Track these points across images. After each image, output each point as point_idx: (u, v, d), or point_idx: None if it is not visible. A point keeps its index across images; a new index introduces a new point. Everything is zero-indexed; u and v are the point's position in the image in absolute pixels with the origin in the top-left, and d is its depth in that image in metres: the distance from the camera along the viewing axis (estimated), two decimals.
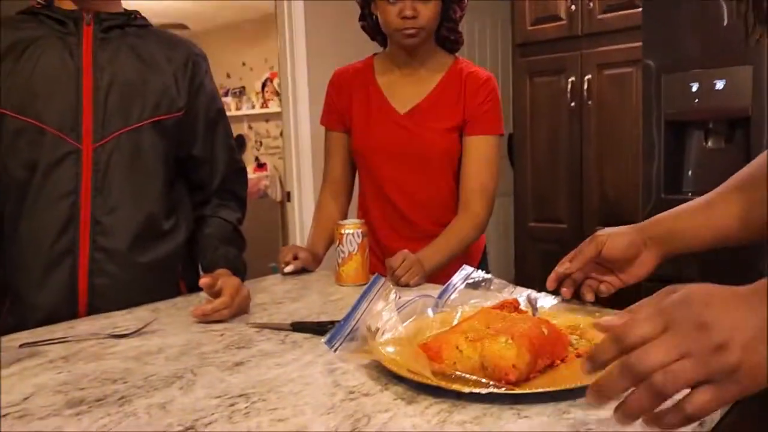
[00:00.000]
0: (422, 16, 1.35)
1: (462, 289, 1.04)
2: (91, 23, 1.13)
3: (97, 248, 1.10)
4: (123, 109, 1.12)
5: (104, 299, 1.11)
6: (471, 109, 1.41)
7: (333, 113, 1.52)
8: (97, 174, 1.10)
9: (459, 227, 1.39)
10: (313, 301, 1.16)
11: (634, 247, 0.90)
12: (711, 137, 2.02)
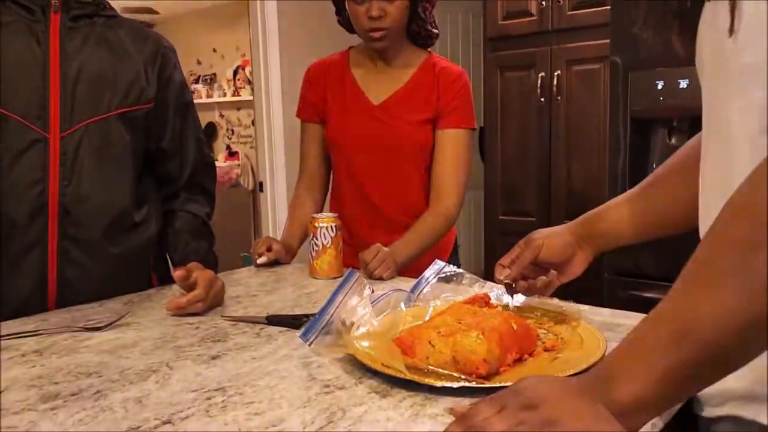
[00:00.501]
0: (389, 15, 1.36)
1: (434, 284, 1.07)
2: (59, 11, 1.11)
3: (68, 238, 1.08)
4: (91, 99, 1.11)
5: (75, 290, 1.10)
6: (444, 103, 1.43)
7: (308, 105, 1.53)
8: (66, 163, 1.08)
9: (430, 220, 1.41)
10: (287, 294, 1.17)
11: (569, 247, 0.93)
12: (675, 134, 2.08)
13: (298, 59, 3.56)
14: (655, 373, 0.51)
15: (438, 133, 1.44)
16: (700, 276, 0.52)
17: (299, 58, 3.57)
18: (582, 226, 0.95)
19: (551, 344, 0.80)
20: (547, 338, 0.83)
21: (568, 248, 0.93)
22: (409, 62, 1.47)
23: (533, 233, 0.96)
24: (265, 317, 0.99)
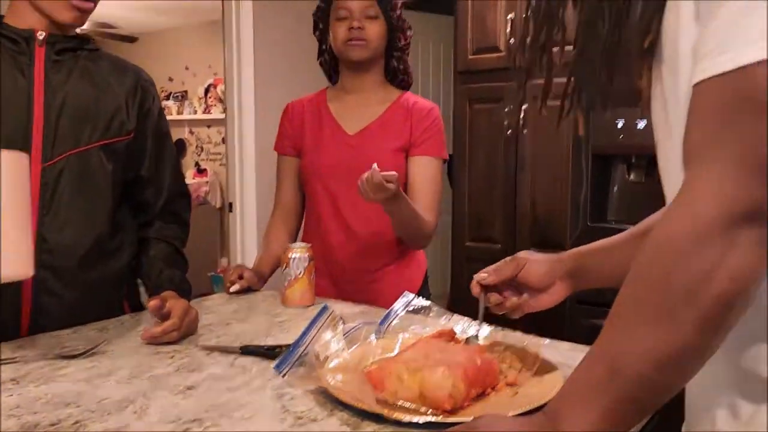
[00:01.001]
0: (369, 30, 1.47)
1: (403, 315, 1.11)
2: (44, 44, 1.14)
3: (44, 266, 1.10)
4: (73, 131, 1.14)
5: (49, 318, 1.12)
6: (417, 133, 1.51)
7: (286, 139, 1.59)
8: (46, 193, 1.11)
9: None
10: (259, 322, 1.20)
11: (549, 277, 0.96)
12: (633, 170, 2.18)
13: (271, 79, 3.61)
14: (596, 410, 0.56)
15: (410, 160, 1.51)
16: (625, 315, 0.58)
17: (273, 78, 3.62)
18: (570, 259, 0.97)
19: (513, 379, 0.85)
20: (509, 373, 0.88)
21: (548, 277, 0.96)
22: (384, 99, 1.56)
23: (521, 252, 0.99)
24: (239, 347, 1.02)
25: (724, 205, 0.52)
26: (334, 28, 1.50)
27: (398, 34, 1.54)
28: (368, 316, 1.23)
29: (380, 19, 1.50)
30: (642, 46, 0.64)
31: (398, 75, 1.59)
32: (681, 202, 0.56)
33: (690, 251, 0.54)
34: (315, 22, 1.60)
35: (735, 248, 0.52)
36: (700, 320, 0.53)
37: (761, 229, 0.52)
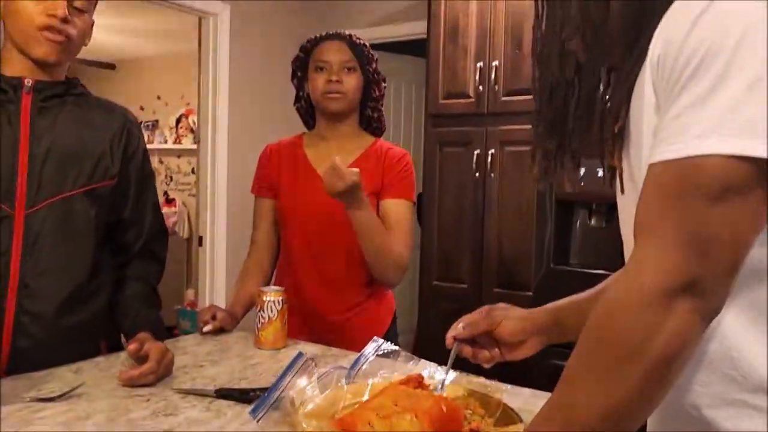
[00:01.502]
0: (346, 83, 1.55)
1: (372, 360, 1.16)
2: (30, 92, 1.17)
3: (23, 312, 1.12)
4: (57, 178, 1.16)
5: (25, 361, 1.13)
6: (388, 177, 1.58)
7: (263, 181, 1.64)
8: (28, 239, 1.13)
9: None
10: (233, 365, 1.23)
11: (524, 333, 1.01)
12: (594, 216, 2.28)
13: (245, 113, 3.67)
14: None
15: (382, 203, 1.57)
16: (577, 371, 0.64)
17: (247, 111, 3.67)
18: (544, 315, 1.01)
19: (476, 425, 0.90)
20: (473, 419, 0.93)
21: (522, 333, 1.00)
22: (359, 144, 1.62)
23: (498, 306, 1.03)
24: (214, 390, 1.05)
25: (665, 277, 0.60)
26: (312, 78, 1.58)
27: (374, 86, 1.62)
28: (339, 359, 1.28)
29: (357, 72, 1.57)
30: (613, 131, 0.72)
31: (372, 123, 1.67)
32: (629, 270, 0.64)
33: (635, 315, 0.61)
34: (293, 70, 1.66)
35: (674, 315, 0.60)
36: (643, 377, 0.60)
37: (697, 299, 0.60)
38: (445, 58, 2.82)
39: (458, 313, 2.62)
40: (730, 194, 0.58)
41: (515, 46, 2.64)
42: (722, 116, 0.57)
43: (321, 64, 1.56)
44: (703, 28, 0.59)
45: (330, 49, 1.57)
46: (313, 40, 1.62)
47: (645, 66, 0.66)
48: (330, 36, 1.61)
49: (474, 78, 2.73)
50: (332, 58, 1.55)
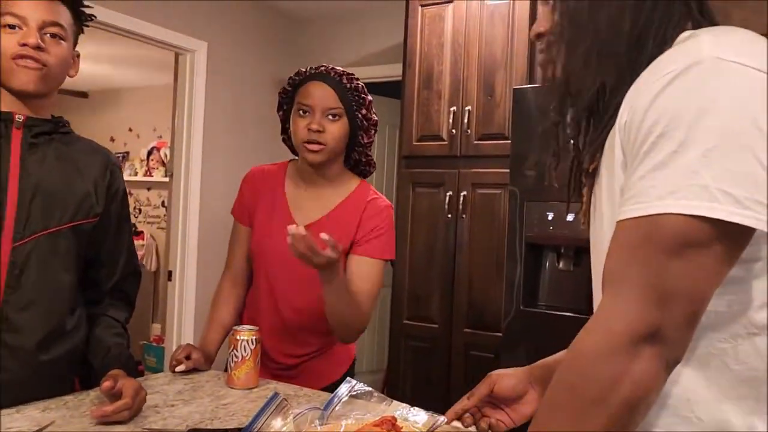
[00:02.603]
0: (328, 132, 1.44)
1: (346, 401, 1.17)
2: (21, 127, 1.19)
3: (3, 345, 1.12)
4: (45, 213, 1.17)
5: (2, 394, 1.11)
6: (362, 234, 1.48)
7: (242, 207, 1.59)
8: (13, 272, 1.13)
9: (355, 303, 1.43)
10: (205, 404, 1.22)
11: (521, 385, 1.03)
12: (563, 259, 2.34)
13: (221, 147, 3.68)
14: None
15: (351, 257, 1.48)
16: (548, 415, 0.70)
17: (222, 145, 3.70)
18: (539, 368, 1.04)
19: None
20: None
21: (520, 385, 1.03)
22: (342, 189, 1.54)
23: (493, 372, 1.06)
24: (186, 430, 1.04)
25: (630, 326, 0.64)
26: (294, 120, 1.48)
27: (361, 132, 1.51)
28: (312, 399, 1.28)
29: (343, 119, 1.46)
30: (588, 168, 0.81)
31: (359, 165, 1.59)
32: (597, 319, 0.68)
33: (602, 361, 0.65)
34: (279, 102, 1.57)
35: (638, 361, 0.64)
36: (608, 420, 0.65)
37: (659, 346, 0.64)
38: (420, 102, 2.90)
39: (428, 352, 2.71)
40: (688, 250, 0.63)
41: (487, 93, 2.73)
42: (681, 180, 0.63)
43: (304, 107, 1.45)
44: (666, 101, 0.65)
45: (315, 92, 1.45)
46: (302, 75, 1.51)
47: (615, 129, 0.73)
48: (318, 75, 1.48)
49: (447, 121, 2.80)
50: (316, 103, 1.44)
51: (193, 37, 3.49)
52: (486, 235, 2.71)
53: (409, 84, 2.94)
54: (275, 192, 1.57)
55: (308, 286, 1.48)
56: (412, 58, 2.94)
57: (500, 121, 2.69)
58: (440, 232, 2.82)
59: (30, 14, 1.17)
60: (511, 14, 2.70)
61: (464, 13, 2.81)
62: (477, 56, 2.76)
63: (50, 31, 1.20)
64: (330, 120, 1.45)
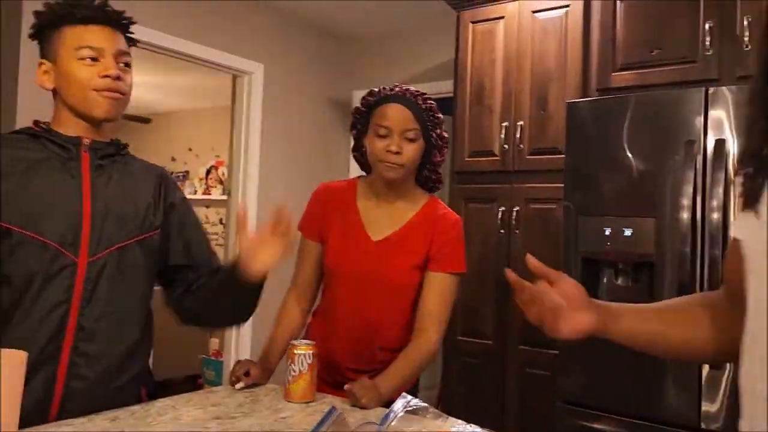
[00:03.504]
0: (405, 153, 1.49)
1: (402, 416, 1.18)
2: (88, 150, 1.27)
3: (78, 353, 1.19)
4: (116, 228, 1.25)
5: (74, 402, 1.18)
6: (437, 248, 1.53)
7: (312, 224, 1.62)
8: (88, 285, 1.20)
9: (416, 354, 1.50)
10: (264, 417, 1.25)
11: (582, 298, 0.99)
12: (620, 276, 2.28)
13: (275, 165, 3.77)
14: None
15: (428, 273, 1.54)
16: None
17: (277, 164, 3.78)
18: (606, 303, 1.04)
19: None
20: None
21: (581, 298, 0.99)
22: (412, 204, 1.59)
23: None
24: None
25: None
26: (371, 141, 1.52)
27: (435, 150, 1.56)
28: (367, 414, 1.30)
29: (419, 140, 1.51)
30: None
31: (428, 183, 1.63)
32: None
33: None
34: (353, 122, 1.62)
35: None
36: None
37: None
38: (471, 118, 2.90)
39: (482, 368, 2.68)
40: None
41: (540, 107, 2.71)
42: None
43: (382, 130, 1.49)
44: None
45: (393, 114, 1.49)
46: (377, 95, 1.55)
47: None
48: (395, 97, 1.52)
49: (499, 136, 2.79)
50: (394, 125, 1.48)
51: (250, 60, 3.60)
52: (540, 251, 2.65)
53: (461, 100, 2.95)
54: (348, 209, 1.60)
55: (383, 302, 1.55)
56: (463, 74, 2.95)
57: (553, 135, 2.66)
58: (493, 247, 2.80)
59: (106, 45, 1.25)
60: (564, 27, 2.69)
61: (516, 28, 2.81)
62: (529, 70, 2.75)
63: (123, 60, 1.28)
64: (407, 141, 1.50)
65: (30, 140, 1.26)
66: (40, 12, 1.26)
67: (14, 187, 1.18)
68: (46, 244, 1.17)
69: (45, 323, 1.16)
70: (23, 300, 1.16)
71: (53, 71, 1.26)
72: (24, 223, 1.17)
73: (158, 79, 5.10)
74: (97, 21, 1.25)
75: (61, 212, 1.20)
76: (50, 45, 1.26)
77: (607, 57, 2.54)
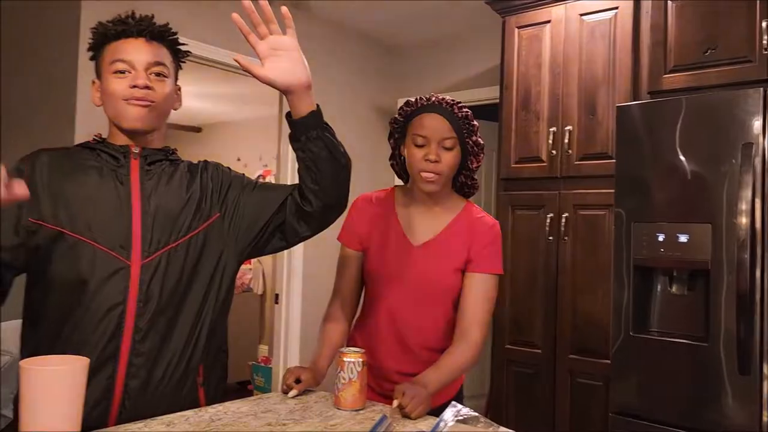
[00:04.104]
0: (444, 162, 1.52)
1: (452, 425, 1.17)
2: (137, 158, 1.32)
3: (136, 353, 1.23)
4: (166, 230, 1.29)
5: (133, 401, 1.23)
6: (476, 251, 1.57)
7: (352, 233, 1.65)
8: (142, 287, 1.24)
9: (460, 354, 1.51)
10: (314, 425, 1.26)
11: None
12: (675, 283, 2.21)
13: None
14: None
15: (467, 275, 1.57)
16: None
17: None
18: None
19: None
20: None
21: None
22: (450, 209, 1.62)
23: None
24: None
25: None
26: (410, 150, 1.55)
27: (471, 157, 1.60)
28: (417, 422, 1.29)
29: (456, 148, 1.54)
30: None
31: (464, 188, 1.66)
32: None
33: None
34: (391, 131, 1.66)
35: None
36: None
37: None
38: (518, 124, 2.88)
39: (532, 377, 2.66)
40: None
41: (589, 112, 2.67)
42: None
43: (420, 140, 1.53)
44: None
45: (430, 124, 1.53)
46: (414, 105, 1.58)
47: None
48: (431, 107, 1.55)
49: (547, 142, 2.76)
50: (432, 135, 1.52)
51: None
52: (590, 258, 2.63)
53: (507, 106, 2.92)
54: (388, 217, 1.64)
55: (426, 304, 1.58)
56: (509, 80, 2.93)
57: (603, 140, 2.61)
58: (541, 254, 2.76)
59: (136, 58, 1.29)
60: (613, 29, 2.64)
61: (563, 32, 2.77)
62: (577, 75, 2.71)
63: (155, 71, 1.31)
64: (445, 149, 1.53)
65: (87, 152, 1.33)
66: (92, 31, 1.33)
67: (72, 195, 1.24)
68: (99, 248, 1.23)
69: (103, 325, 1.21)
70: (80, 302, 1.21)
71: (101, 88, 1.32)
72: (79, 229, 1.22)
73: (207, 89, 5.22)
74: (129, 35, 1.30)
75: (112, 217, 1.25)
76: (97, 63, 1.34)
77: (659, 58, 2.48)
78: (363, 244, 1.64)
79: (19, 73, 3.08)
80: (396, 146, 1.66)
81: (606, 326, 2.49)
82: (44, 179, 1.25)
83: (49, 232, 1.22)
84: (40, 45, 2.99)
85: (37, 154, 1.29)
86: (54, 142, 1.60)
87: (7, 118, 3.12)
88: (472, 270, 1.57)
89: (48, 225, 1.22)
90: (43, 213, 1.22)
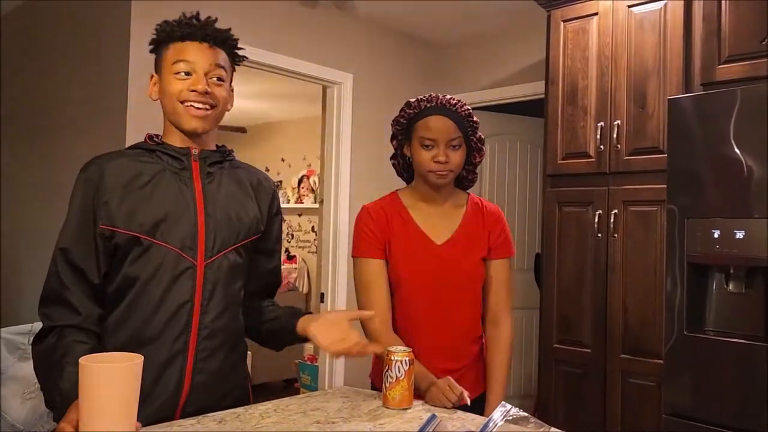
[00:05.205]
0: (452, 161, 1.58)
1: (501, 425, 1.16)
2: (198, 159, 1.36)
3: (202, 349, 1.29)
4: (227, 232, 1.34)
5: (198, 395, 1.29)
6: (493, 240, 1.68)
7: (375, 243, 1.62)
8: (206, 285, 1.30)
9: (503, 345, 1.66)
10: (363, 424, 1.27)
11: None
12: (732, 281, 2.13)
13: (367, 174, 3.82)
14: None
15: (490, 262, 1.68)
16: None
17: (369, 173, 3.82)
18: None
19: None
20: None
21: None
22: (457, 202, 1.70)
23: None
24: None
25: None
26: (418, 152, 1.59)
27: (475, 153, 1.66)
28: (465, 422, 1.28)
29: (463, 146, 1.60)
30: None
31: (465, 182, 1.73)
32: None
33: None
34: (394, 133, 1.67)
35: None
36: None
37: None
38: (564, 119, 2.82)
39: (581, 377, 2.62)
40: None
41: (639, 105, 2.60)
42: None
43: (427, 142, 1.56)
44: None
45: (436, 125, 1.56)
46: (418, 108, 1.60)
47: None
48: (436, 109, 1.57)
49: (595, 137, 2.70)
50: (439, 136, 1.55)
51: (339, 70, 3.67)
52: (641, 255, 2.56)
53: (553, 101, 2.87)
54: (404, 220, 1.65)
55: (458, 297, 1.64)
56: (555, 74, 2.87)
57: (653, 133, 2.54)
58: (590, 252, 2.70)
59: (199, 62, 1.32)
60: (663, 20, 2.56)
61: (610, 24, 2.71)
62: (626, 68, 2.64)
63: (215, 75, 1.34)
64: (452, 149, 1.58)
65: (146, 154, 1.35)
66: (157, 28, 1.36)
67: (140, 199, 1.28)
68: (170, 249, 1.28)
69: (174, 320, 1.27)
70: (154, 300, 1.26)
71: (159, 84, 1.35)
72: (150, 232, 1.27)
73: (252, 89, 5.30)
74: (195, 38, 1.32)
75: (180, 219, 1.29)
76: (159, 60, 1.37)
77: (712, 49, 2.40)
78: (386, 252, 1.63)
79: (72, 74, 3.18)
80: (398, 147, 1.69)
81: (658, 325, 2.42)
82: (112, 185, 1.28)
83: (122, 236, 1.26)
84: (92, 44, 3.08)
85: (99, 161, 1.32)
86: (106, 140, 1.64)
87: (62, 117, 3.23)
88: (494, 257, 1.67)
89: (120, 230, 1.26)
90: (114, 219, 1.26)
